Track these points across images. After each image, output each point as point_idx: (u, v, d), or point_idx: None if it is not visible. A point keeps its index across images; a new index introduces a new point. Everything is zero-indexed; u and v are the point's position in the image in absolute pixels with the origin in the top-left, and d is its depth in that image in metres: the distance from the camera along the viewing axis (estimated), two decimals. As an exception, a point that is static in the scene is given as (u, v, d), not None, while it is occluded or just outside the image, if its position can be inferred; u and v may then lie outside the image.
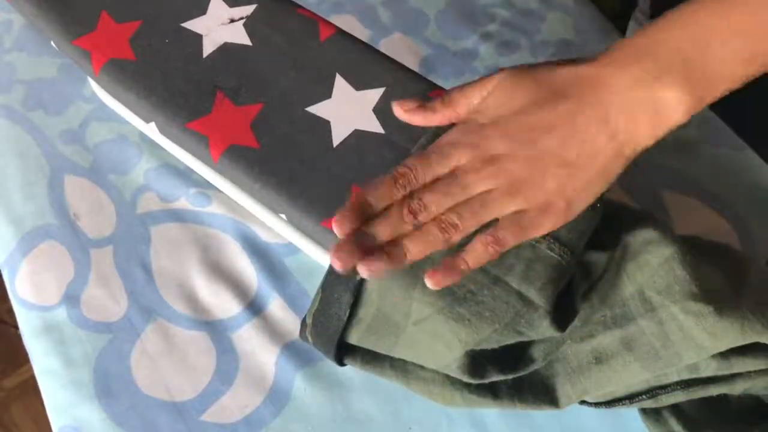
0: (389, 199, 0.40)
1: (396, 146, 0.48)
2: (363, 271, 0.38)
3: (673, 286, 0.43)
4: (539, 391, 0.48)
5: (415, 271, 0.42)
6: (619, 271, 0.46)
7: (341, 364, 0.49)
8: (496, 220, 0.40)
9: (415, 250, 0.40)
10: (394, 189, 0.40)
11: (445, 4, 0.76)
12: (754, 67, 0.39)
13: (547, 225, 0.41)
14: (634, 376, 0.45)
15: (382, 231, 0.40)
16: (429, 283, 0.39)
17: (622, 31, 0.75)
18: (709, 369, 0.45)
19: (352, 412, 0.53)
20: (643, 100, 0.39)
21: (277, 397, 0.54)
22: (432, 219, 0.40)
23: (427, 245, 0.40)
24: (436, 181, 0.41)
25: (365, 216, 0.40)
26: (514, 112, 0.41)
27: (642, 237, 0.45)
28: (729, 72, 0.39)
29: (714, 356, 0.44)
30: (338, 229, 0.39)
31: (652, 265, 0.44)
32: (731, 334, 0.42)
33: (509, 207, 0.40)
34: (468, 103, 0.43)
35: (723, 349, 0.43)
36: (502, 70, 0.43)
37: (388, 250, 0.39)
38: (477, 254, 0.40)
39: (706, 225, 0.60)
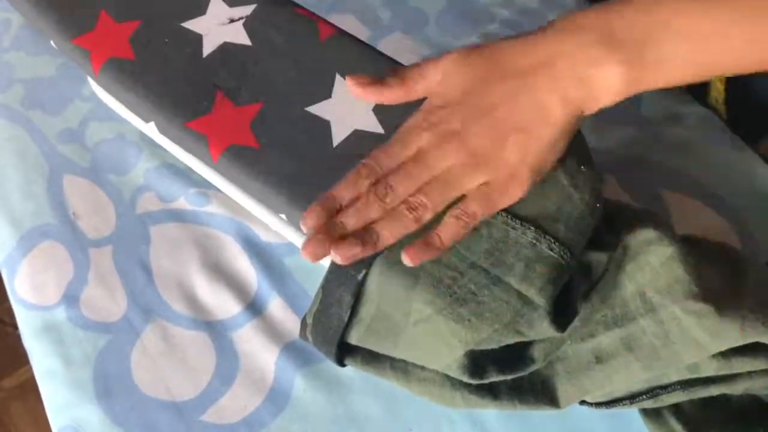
0: (356, 191, 0.42)
1: None
2: (336, 257, 0.40)
3: (673, 285, 0.43)
4: (539, 391, 0.48)
5: (415, 271, 0.42)
6: (620, 271, 0.46)
7: (341, 364, 0.49)
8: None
9: (386, 232, 0.41)
10: (359, 181, 0.42)
11: (446, 3, 0.76)
12: (697, 74, 0.42)
13: (514, 193, 0.42)
14: (634, 376, 0.45)
15: (352, 218, 0.41)
16: (405, 260, 0.41)
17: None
18: (710, 369, 0.45)
19: (352, 412, 0.53)
20: (591, 68, 0.41)
21: (277, 398, 0.54)
22: (401, 202, 0.42)
23: (398, 227, 0.41)
24: (402, 165, 0.42)
25: (334, 211, 0.42)
26: (467, 91, 0.43)
27: (642, 237, 0.45)
28: (671, 70, 0.41)
29: (714, 356, 0.44)
30: (306, 223, 0.41)
31: (652, 265, 0.44)
32: (731, 333, 0.42)
33: (474, 180, 0.42)
34: (426, 83, 0.45)
35: (723, 348, 0.43)
36: (453, 51, 0.45)
37: (360, 235, 0.41)
38: (449, 229, 0.41)
39: (706, 225, 0.60)
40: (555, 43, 0.42)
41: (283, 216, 0.48)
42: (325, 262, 0.56)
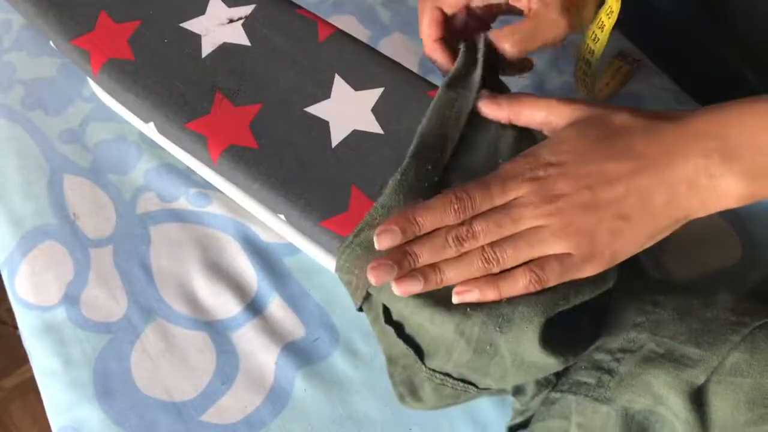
0: (440, 222, 0.41)
1: (395, 146, 0.48)
2: (396, 289, 0.40)
3: None
4: None
5: None
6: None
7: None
8: None
9: (451, 275, 0.41)
10: (447, 214, 0.41)
11: (445, 3, 0.76)
12: None
13: (588, 272, 0.41)
14: None
15: (426, 254, 0.41)
16: (456, 298, 0.41)
17: (623, 32, 0.74)
18: None
19: (352, 412, 0.53)
20: (707, 178, 0.40)
21: (277, 398, 0.54)
22: (477, 248, 0.41)
23: (465, 274, 0.41)
24: (491, 210, 0.41)
25: (411, 234, 0.41)
26: (583, 156, 0.41)
27: None
28: None
29: None
30: (380, 241, 0.41)
31: None
32: None
33: (556, 248, 0.40)
34: (531, 114, 0.45)
35: None
36: (577, 102, 0.43)
37: (426, 272, 0.41)
38: (514, 286, 0.40)
39: (706, 225, 0.60)
40: (675, 144, 0.40)
41: (282, 216, 0.48)
42: (325, 262, 0.56)
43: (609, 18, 0.51)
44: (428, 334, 0.44)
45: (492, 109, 0.46)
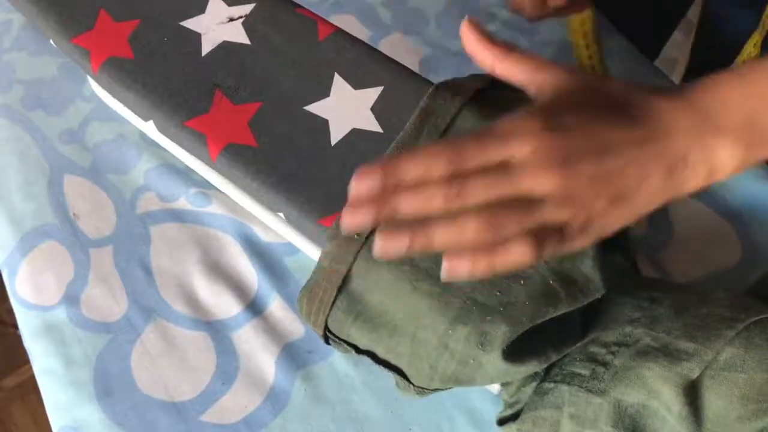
0: (425, 173, 0.35)
1: None
2: (379, 245, 0.34)
3: None
4: None
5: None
6: None
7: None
8: None
9: (441, 238, 0.34)
10: (434, 164, 0.35)
11: (446, 3, 0.76)
12: None
13: (576, 246, 0.37)
14: None
15: (408, 204, 0.35)
16: (446, 268, 0.35)
17: (622, 31, 0.74)
18: None
19: (352, 412, 0.53)
20: (703, 150, 0.38)
21: (277, 398, 0.54)
22: (472, 211, 0.35)
23: (455, 237, 0.35)
24: (486, 169, 0.36)
25: (392, 184, 0.35)
26: (587, 124, 0.38)
27: None
28: None
29: None
30: (357, 185, 0.35)
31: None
32: None
33: (554, 218, 0.36)
34: (518, 64, 0.40)
35: None
36: (570, 67, 0.40)
37: (412, 228, 0.34)
38: (506, 258, 0.35)
39: (706, 225, 0.60)
40: (671, 119, 0.38)
41: (282, 215, 0.48)
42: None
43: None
44: (403, 357, 0.45)
45: (476, 44, 0.41)
